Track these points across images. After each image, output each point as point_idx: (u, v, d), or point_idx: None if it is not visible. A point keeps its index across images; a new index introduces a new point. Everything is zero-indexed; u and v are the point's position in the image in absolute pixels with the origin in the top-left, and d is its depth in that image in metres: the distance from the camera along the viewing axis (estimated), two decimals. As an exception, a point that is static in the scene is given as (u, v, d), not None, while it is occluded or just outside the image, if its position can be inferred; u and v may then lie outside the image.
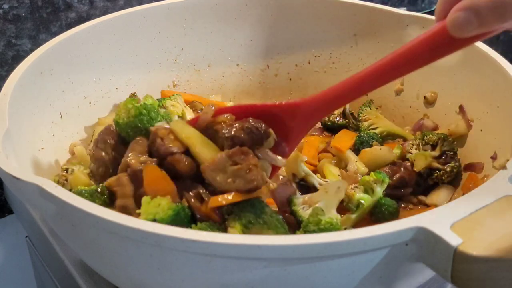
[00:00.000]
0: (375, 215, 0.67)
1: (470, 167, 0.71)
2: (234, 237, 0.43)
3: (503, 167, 0.53)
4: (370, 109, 0.88)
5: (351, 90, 0.57)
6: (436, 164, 0.72)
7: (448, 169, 0.71)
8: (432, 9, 1.40)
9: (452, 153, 0.72)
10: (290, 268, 0.45)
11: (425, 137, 0.74)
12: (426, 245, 0.44)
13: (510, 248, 0.41)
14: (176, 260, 0.46)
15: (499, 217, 0.45)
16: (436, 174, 0.72)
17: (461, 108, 0.76)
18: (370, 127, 0.86)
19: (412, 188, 0.72)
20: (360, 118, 0.88)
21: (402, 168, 0.72)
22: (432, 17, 0.82)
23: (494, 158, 0.66)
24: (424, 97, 0.83)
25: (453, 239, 0.42)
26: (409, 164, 0.73)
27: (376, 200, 0.66)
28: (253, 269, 0.45)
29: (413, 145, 0.75)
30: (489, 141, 0.68)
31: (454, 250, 0.42)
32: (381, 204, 0.66)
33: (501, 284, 0.42)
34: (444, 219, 0.44)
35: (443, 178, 0.71)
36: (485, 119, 0.71)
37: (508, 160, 0.55)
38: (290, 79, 0.97)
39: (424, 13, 0.90)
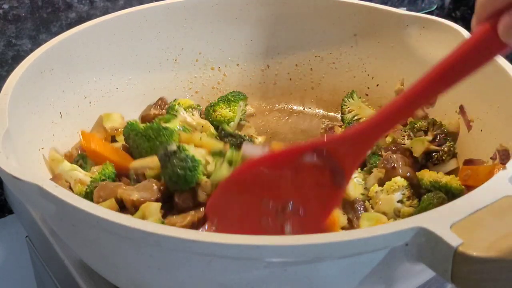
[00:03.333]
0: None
1: (469, 163, 0.71)
2: (234, 238, 0.42)
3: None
4: (353, 100, 0.89)
5: (397, 112, 0.50)
6: (433, 147, 0.74)
7: (445, 149, 0.74)
8: (432, 9, 1.40)
9: (443, 134, 0.75)
10: (290, 268, 0.45)
11: (415, 125, 0.77)
12: (426, 245, 0.44)
13: (510, 249, 0.41)
14: (176, 260, 0.46)
15: (499, 217, 0.45)
16: (436, 156, 0.74)
17: (461, 108, 0.76)
18: (354, 119, 0.87)
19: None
20: (343, 110, 0.89)
21: (395, 152, 0.74)
22: (432, 17, 0.83)
23: (494, 158, 0.66)
24: (424, 97, 0.83)
25: (453, 240, 0.42)
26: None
27: None
28: (253, 269, 0.45)
29: (403, 136, 0.77)
30: (489, 141, 0.68)
31: (454, 251, 0.42)
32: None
33: (501, 285, 0.42)
34: (444, 219, 0.44)
35: (444, 157, 0.74)
36: (485, 119, 0.71)
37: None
38: (290, 79, 0.97)
39: (424, 13, 0.90)
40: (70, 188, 0.67)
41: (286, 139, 0.90)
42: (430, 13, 1.34)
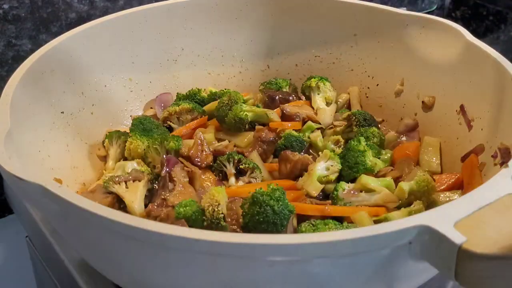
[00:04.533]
0: None
1: (467, 156, 0.72)
2: (238, 236, 0.42)
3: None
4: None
5: None
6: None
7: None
8: (432, 9, 1.40)
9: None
10: (295, 267, 0.45)
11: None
12: (430, 243, 0.44)
13: (514, 246, 0.41)
14: (180, 260, 0.46)
15: (502, 215, 0.45)
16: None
17: (461, 107, 0.76)
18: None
19: None
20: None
21: None
22: (432, 17, 0.83)
23: (495, 157, 0.66)
24: (423, 102, 0.83)
25: (457, 237, 0.42)
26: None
27: None
28: (257, 268, 0.45)
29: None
30: (490, 140, 0.69)
31: (458, 248, 0.42)
32: None
33: (505, 282, 0.42)
34: (448, 217, 0.44)
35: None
36: (486, 118, 0.71)
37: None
38: (290, 79, 0.97)
39: (424, 13, 0.90)
40: None
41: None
42: (430, 13, 1.34)
